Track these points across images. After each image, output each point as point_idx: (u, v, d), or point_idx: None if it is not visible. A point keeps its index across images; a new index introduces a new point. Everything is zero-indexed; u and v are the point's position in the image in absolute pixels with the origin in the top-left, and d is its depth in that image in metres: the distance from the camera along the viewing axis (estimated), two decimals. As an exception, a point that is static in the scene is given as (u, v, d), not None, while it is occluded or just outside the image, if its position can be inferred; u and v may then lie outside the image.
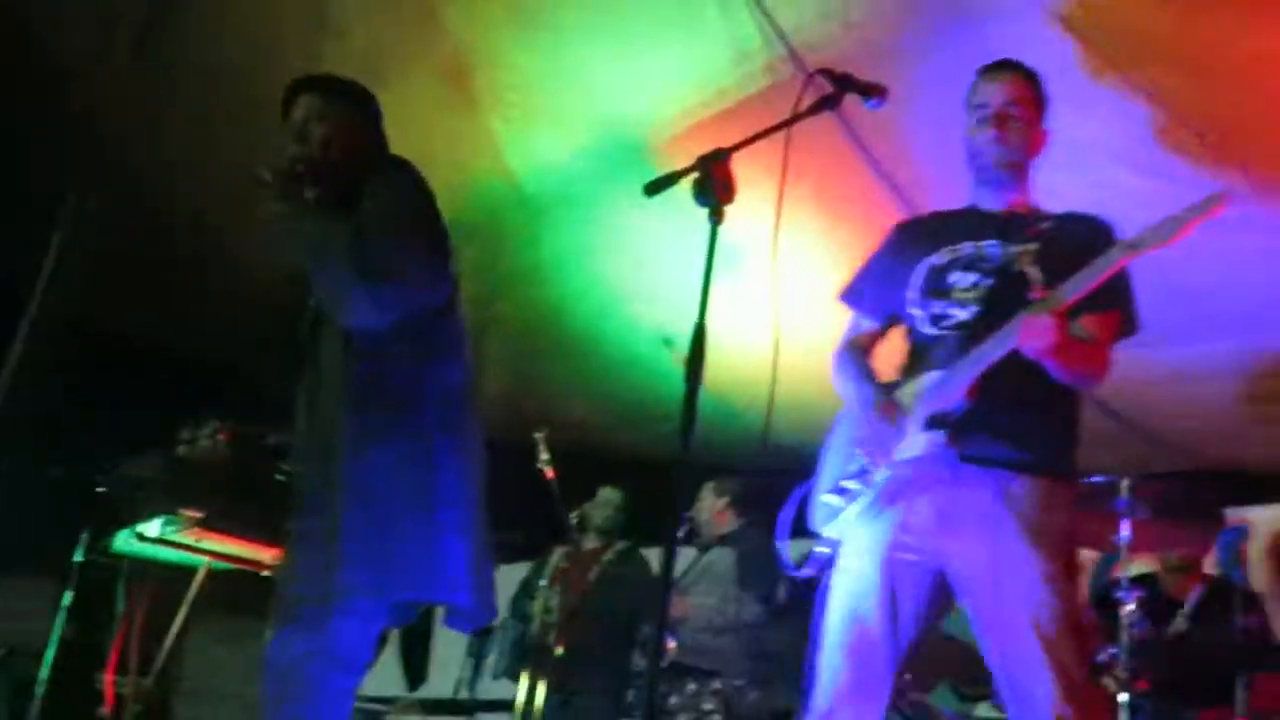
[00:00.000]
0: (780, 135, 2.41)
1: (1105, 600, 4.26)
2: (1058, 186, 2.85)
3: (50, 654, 4.37)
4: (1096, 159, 3.91)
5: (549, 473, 5.19)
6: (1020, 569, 2.46)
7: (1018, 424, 2.54)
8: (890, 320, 2.88)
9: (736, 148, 2.26)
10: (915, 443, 2.56)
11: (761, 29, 4.10)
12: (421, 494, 2.63)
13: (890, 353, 2.89)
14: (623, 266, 5.49)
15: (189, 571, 4.64)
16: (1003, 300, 2.55)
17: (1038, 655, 2.40)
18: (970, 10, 3.64)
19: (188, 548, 4.52)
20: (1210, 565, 5.08)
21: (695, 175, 2.21)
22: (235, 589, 4.87)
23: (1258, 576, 5.59)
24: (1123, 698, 3.69)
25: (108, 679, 4.42)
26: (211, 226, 5.48)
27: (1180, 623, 4.44)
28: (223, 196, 5.35)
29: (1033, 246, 2.57)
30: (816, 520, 2.76)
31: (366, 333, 2.65)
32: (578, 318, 5.94)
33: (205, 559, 4.59)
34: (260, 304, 5.62)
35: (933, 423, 2.53)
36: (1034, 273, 2.49)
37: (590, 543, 5.92)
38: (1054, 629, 2.41)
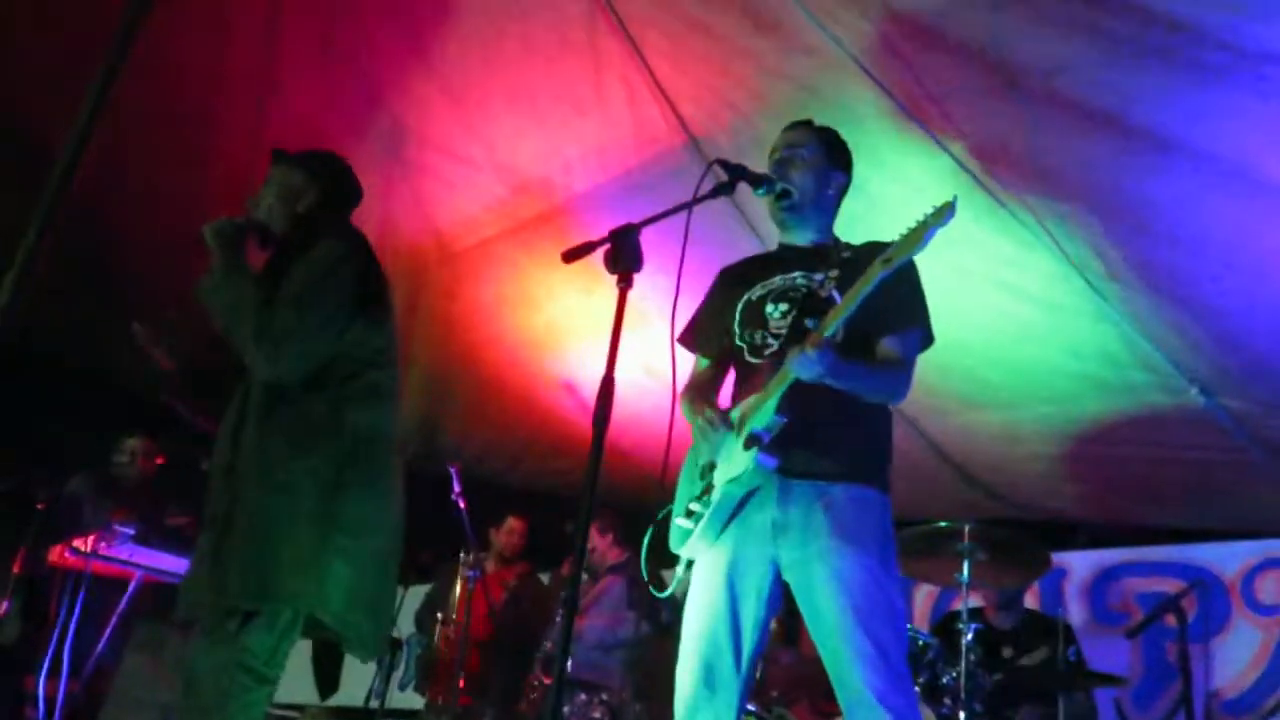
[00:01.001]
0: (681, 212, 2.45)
1: (946, 631, 4.34)
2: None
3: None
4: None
5: (462, 502, 5.12)
6: (839, 563, 2.46)
7: (830, 438, 2.56)
8: (724, 356, 2.88)
9: (645, 223, 2.29)
10: (739, 461, 2.56)
11: (663, 113, 4.16)
12: (321, 519, 2.54)
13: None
14: (528, 320, 5.47)
15: (121, 583, 4.47)
16: (805, 326, 2.57)
17: (859, 637, 2.39)
18: (835, 109, 3.74)
19: (120, 561, 4.37)
20: (1034, 601, 5.22)
21: (607, 246, 2.22)
22: (165, 601, 4.72)
23: (1075, 611, 5.79)
24: (962, 716, 3.75)
25: (40, 683, 4.22)
26: (151, 259, 5.34)
27: (1006, 650, 4.55)
28: (164, 231, 5.24)
29: (834, 273, 2.59)
30: (673, 543, 2.74)
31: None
32: (487, 364, 5.90)
33: (138, 571, 4.44)
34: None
35: (751, 441, 2.53)
36: (835, 297, 2.51)
37: (493, 566, 5.85)
38: (872, 612, 2.41)
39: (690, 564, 2.73)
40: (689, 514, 2.68)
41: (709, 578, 2.63)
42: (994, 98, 3.43)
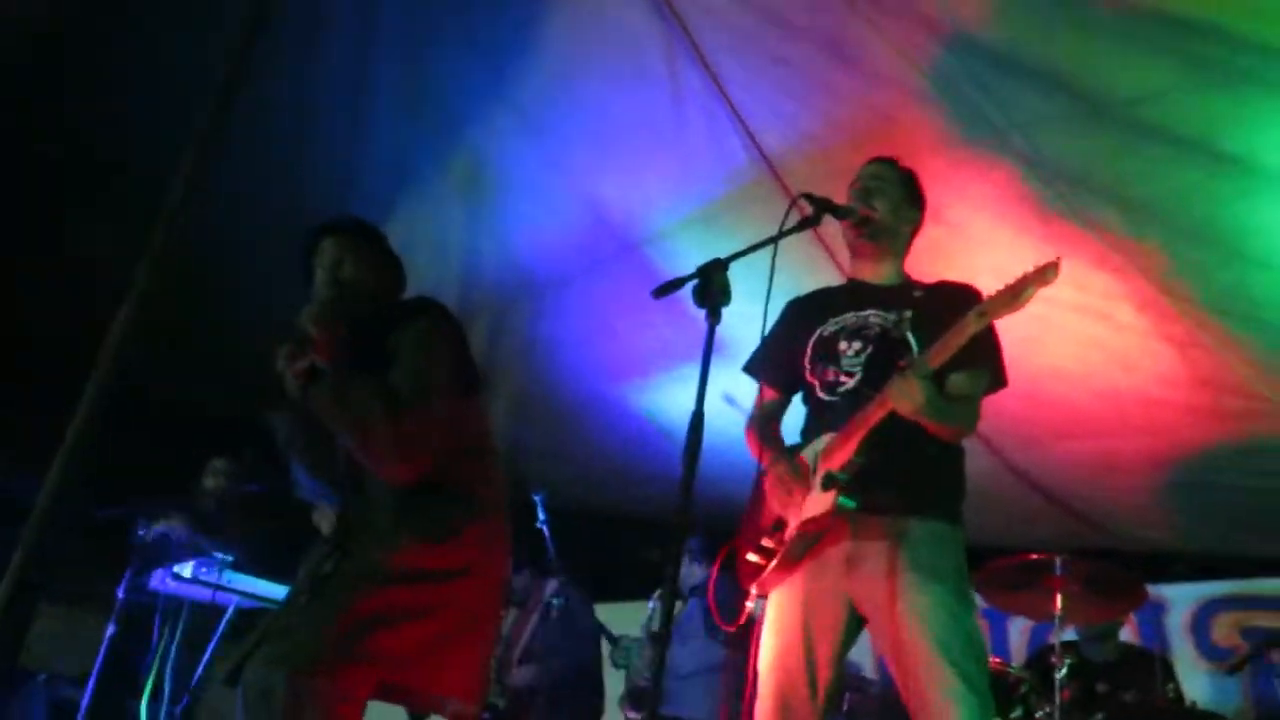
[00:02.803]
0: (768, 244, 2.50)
1: (1040, 665, 4.28)
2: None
3: (93, 682, 4.35)
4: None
5: (546, 530, 5.21)
6: (916, 597, 2.47)
7: (905, 475, 2.57)
8: (790, 388, 2.90)
9: (733, 258, 2.33)
10: (819, 503, 2.57)
11: (744, 143, 4.20)
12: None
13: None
14: (611, 349, 5.55)
15: (219, 609, 4.64)
16: (883, 364, 2.60)
17: (941, 670, 2.39)
18: (916, 138, 3.76)
19: (218, 587, 4.53)
20: (1132, 635, 5.11)
21: (697, 281, 2.27)
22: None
23: (1176, 646, 5.64)
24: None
25: (141, 707, 4.40)
26: (247, 297, 5.55)
27: (1101, 685, 4.46)
28: (254, 276, 5.44)
29: (908, 313, 2.63)
30: (743, 577, 2.76)
31: None
32: (570, 392, 5.99)
33: (235, 597, 4.61)
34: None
35: (828, 481, 2.55)
36: (910, 338, 2.55)
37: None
38: (952, 644, 2.42)
39: (760, 599, 2.76)
40: (760, 549, 2.71)
41: (783, 613, 2.66)
42: (1078, 126, 3.42)
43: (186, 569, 4.51)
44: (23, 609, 5.60)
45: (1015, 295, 2.34)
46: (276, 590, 4.62)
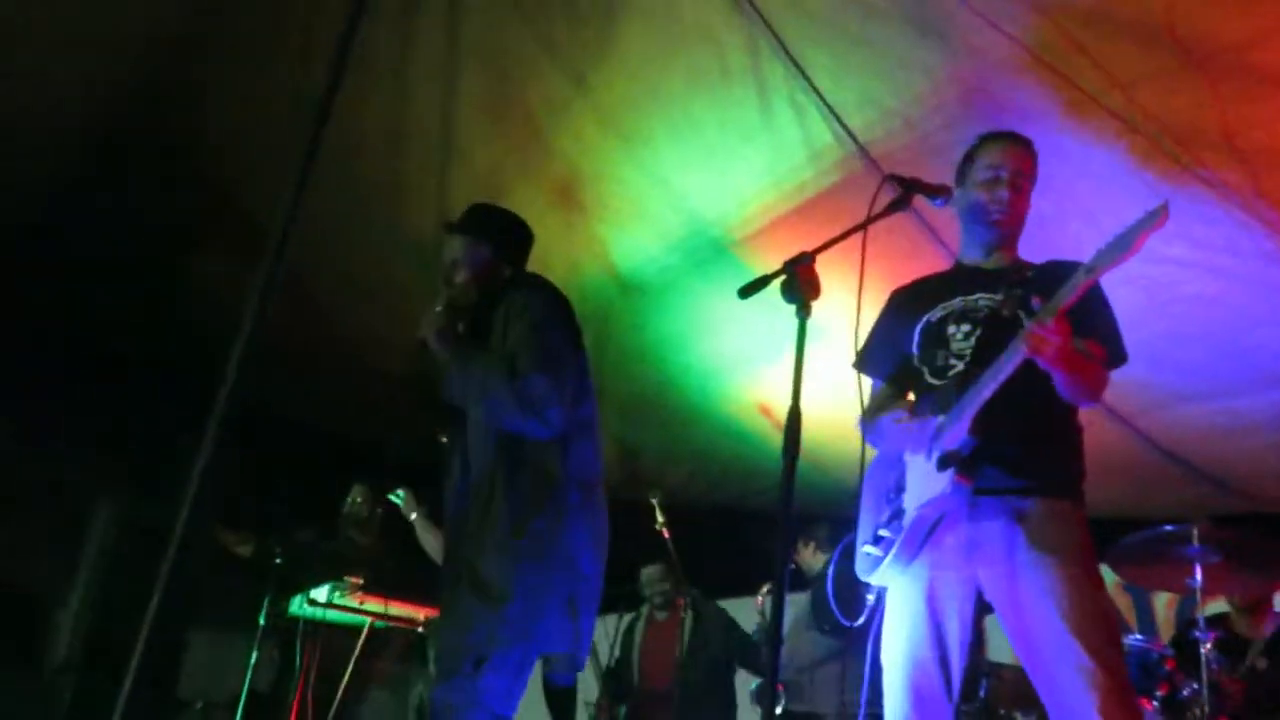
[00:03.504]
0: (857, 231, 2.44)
1: (1184, 641, 4.10)
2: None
3: (241, 707, 4.50)
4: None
5: (665, 532, 5.21)
6: (1043, 576, 2.41)
7: (1022, 453, 2.51)
8: (902, 380, 2.85)
9: (819, 250, 2.28)
10: (933, 484, 2.52)
11: (833, 130, 4.13)
12: (555, 566, 2.73)
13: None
14: (717, 347, 5.53)
15: (356, 629, 4.76)
16: (995, 344, 2.50)
17: (1074, 651, 2.32)
18: (1011, 109, 3.64)
19: (352, 609, 4.65)
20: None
21: (783, 277, 2.24)
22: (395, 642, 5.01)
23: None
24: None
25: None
26: (347, 319, 5.70)
27: (1257, 659, 4.25)
28: (359, 297, 5.58)
29: (1017, 293, 2.55)
30: (861, 570, 2.73)
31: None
32: (680, 392, 5.99)
33: (368, 618, 4.72)
34: (392, 385, 5.82)
35: (944, 462, 2.50)
36: (1021, 316, 2.46)
37: (660, 615, 5.88)
38: (1084, 623, 2.35)
39: (881, 591, 2.72)
40: (877, 540, 2.66)
41: (908, 604, 2.61)
42: (1183, 79, 3.26)
43: (322, 593, 4.63)
44: (174, 637, 5.84)
45: (1125, 242, 2.23)
46: (409, 610, 4.72)
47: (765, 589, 5.31)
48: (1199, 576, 3.77)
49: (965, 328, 2.68)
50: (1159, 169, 3.60)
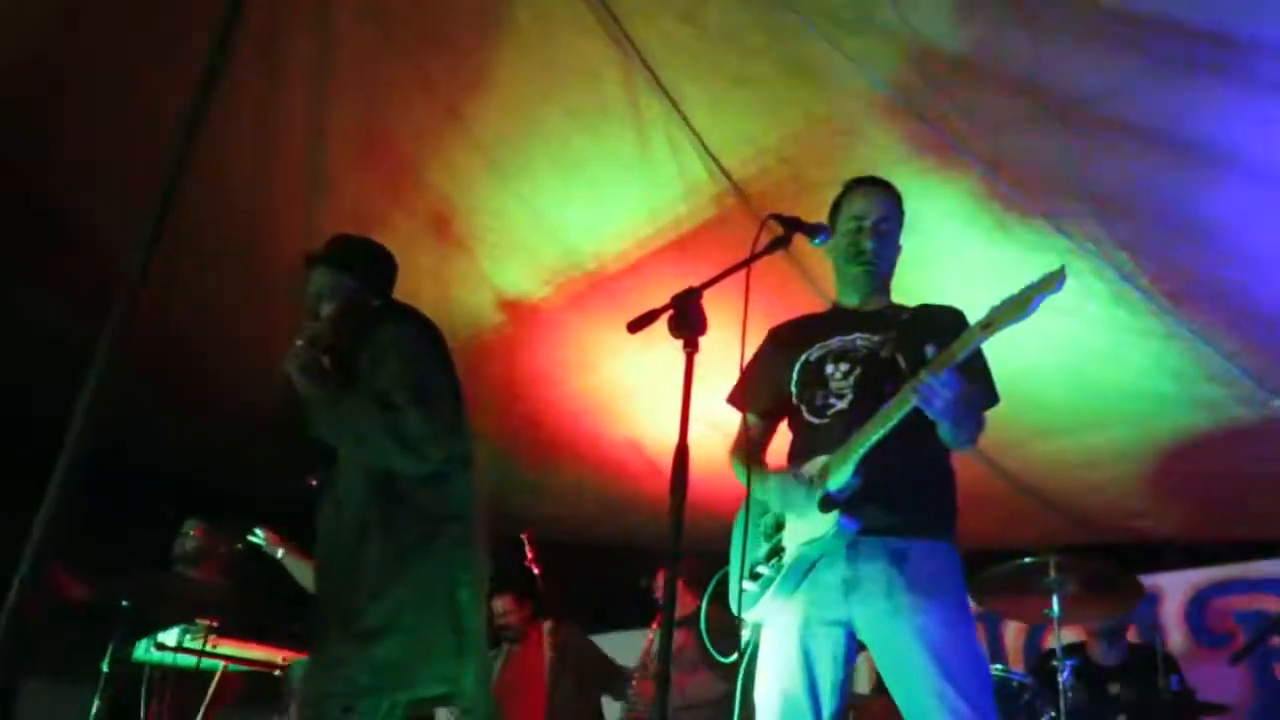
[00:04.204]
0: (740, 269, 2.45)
1: (1042, 669, 4.22)
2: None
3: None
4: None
5: (535, 568, 5.13)
6: (920, 619, 2.44)
7: (902, 495, 2.55)
8: (775, 416, 2.87)
9: (706, 285, 2.28)
10: (819, 524, 2.53)
11: (709, 167, 4.17)
12: (444, 606, 2.65)
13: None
14: (590, 381, 5.49)
15: (208, 674, 4.52)
16: (874, 384, 2.57)
17: (948, 693, 2.36)
18: (882, 150, 3.73)
19: (204, 653, 4.41)
20: (1133, 634, 5.07)
21: (671, 312, 2.22)
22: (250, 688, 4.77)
23: (1174, 636, 5.61)
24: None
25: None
26: (216, 358, 5.47)
27: (1113, 686, 4.41)
28: (222, 331, 5.36)
29: (893, 335, 2.61)
30: (737, 607, 2.70)
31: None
32: (551, 426, 5.92)
33: (221, 663, 4.48)
34: (257, 424, 5.59)
35: (828, 503, 2.51)
36: (898, 359, 2.52)
37: (514, 648, 5.79)
38: (957, 666, 2.40)
39: (757, 627, 2.70)
40: (755, 576, 2.65)
41: (782, 642, 2.61)
42: (1045, 128, 3.40)
43: (171, 636, 4.38)
44: (7, 686, 5.45)
45: (1022, 306, 2.30)
46: (264, 653, 4.51)
47: (654, 627, 5.26)
48: (1056, 606, 3.89)
49: (844, 367, 2.70)
50: (1020, 213, 3.74)
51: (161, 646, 4.41)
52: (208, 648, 4.41)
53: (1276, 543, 5.60)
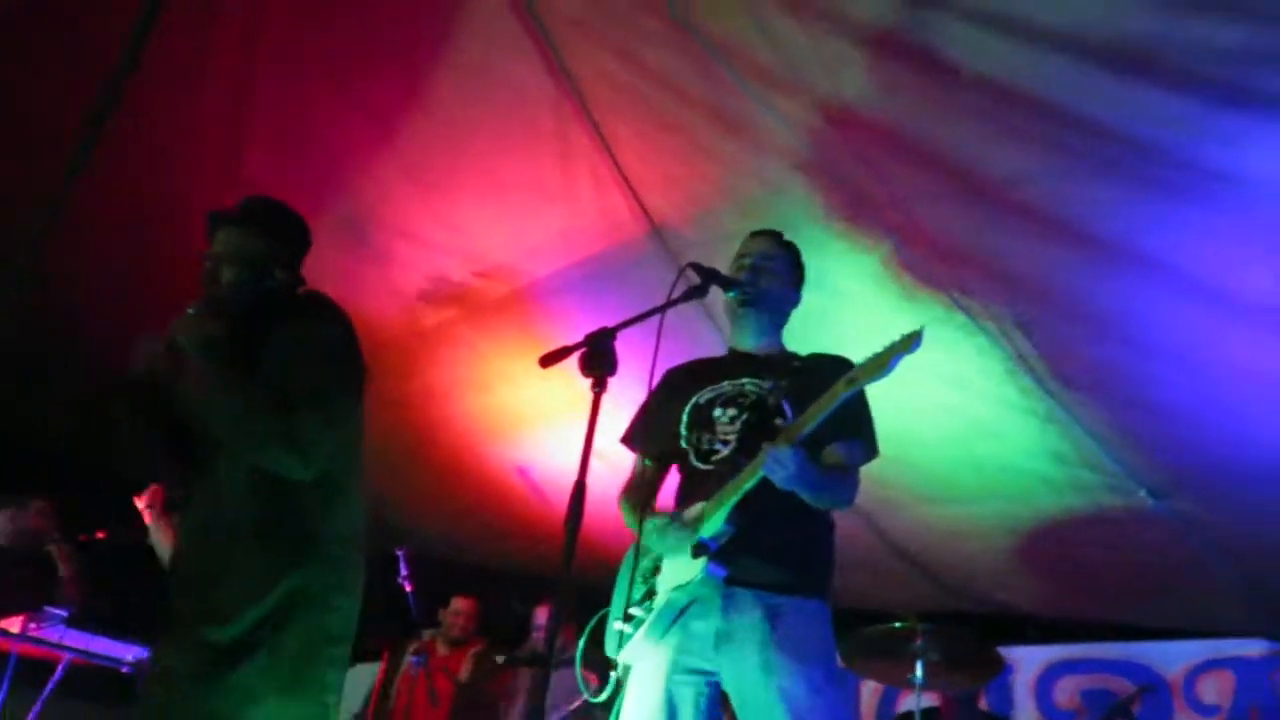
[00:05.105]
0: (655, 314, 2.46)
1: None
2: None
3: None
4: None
5: (409, 585, 5.03)
6: (783, 680, 2.44)
7: (777, 548, 2.55)
8: (666, 458, 2.86)
9: (620, 327, 2.28)
10: (687, 569, 2.53)
11: (630, 205, 4.19)
12: (319, 626, 2.43)
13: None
14: (483, 403, 5.43)
15: (50, 665, 4.32)
16: (759, 431, 2.57)
17: None
18: (799, 206, 3.81)
19: (50, 644, 4.22)
20: (984, 702, 5.20)
21: (583, 350, 2.21)
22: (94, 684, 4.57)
23: (1024, 708, 5.78)
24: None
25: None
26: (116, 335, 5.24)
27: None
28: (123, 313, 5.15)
29: (784, 383, 2.63)
30: (609, 647, 2.69)
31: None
32: (439, 446, 5.84)
33: (67, 654, 4.30)
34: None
35: (699, 550, 2.51)
36: (784, 406, 2.54)
37: (444, 649, 5.72)
38: None
39: (627, 669, 2.68)
40: (628, 618, 2.63)
41: (647, 685, 2.59)
42: (958, 204, 3.51)
43: (15, 625, 4.18)
44: None
45: (882, 364, 2.36)
46: (114, 649, 4.34)
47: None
48: (920, 673, 3.97)
49: (731, 412, 2.71)
50: (926, 282, 3.85)
51: (4, 633, 4.21)
52: (54, 639, 4.24)
53: (1127, 626, 5.83)
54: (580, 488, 2.09)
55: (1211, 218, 3.12)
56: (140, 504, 4.39)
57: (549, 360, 2.22)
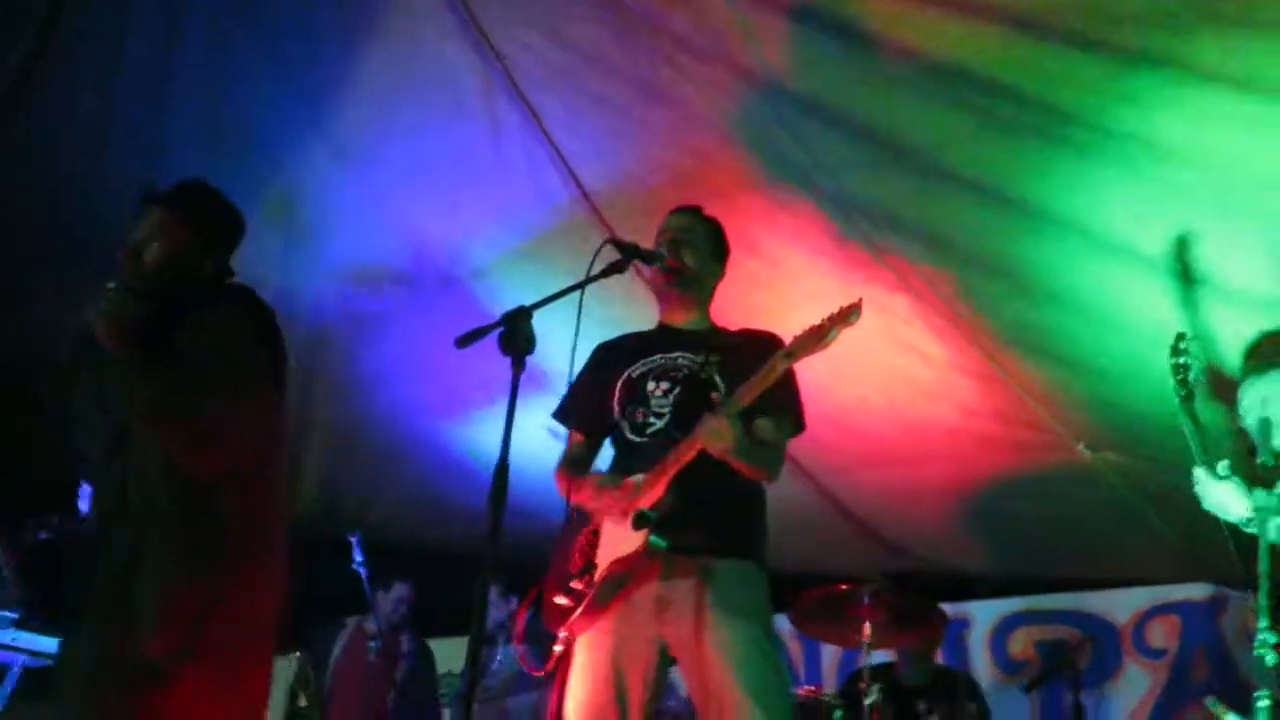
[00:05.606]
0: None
1: (851, 690, 4.39)
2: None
3: None
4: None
5: (363, 571, 5.05)
6: (726, 636, 2.52)
7: (713, 515, 2.63)
8: (600, 432, 2.93)
9: (536, 306, 2.32)
10: (627, 541, 2.58)
11: (562, 178, 4.19)
12: (240, 622, 2.41)
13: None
14: (431, 385, 5.42)
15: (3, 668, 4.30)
16: (691, 405, 2.64)
17: (746, 705, 2.44)
18: (730, 176, 3.84)
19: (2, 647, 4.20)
20: (940, 656, 5.31)
21: (500, 330, 2.24)
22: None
23: (979, 662, 5.90)
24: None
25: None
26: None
27: (920, 704, 4.62)
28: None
29: (715, 357, 2.69)
30: (550, 620, 2.73)
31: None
32: (388, 429, 5.82)
33: (21, 656, 4.27)
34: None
35: (640, 521, 2.56)
36: (717, 380, 2.60)
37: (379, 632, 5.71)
38: (763, 686, 2.48)
39: (569, 641, 2.72)
40: (569, 591, 2.67)
41: (593, 657, 2.64)
42: (880, 169, 3.56)
43: (-34, 625, 4.15)
44: None
45: (820, 337, 2.43)
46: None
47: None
48: (868, 632, 4.06)
49: (665, 385, 2.77)
50: (858, 247, 3.90)
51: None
52: (4, 642, 4.21)
53: (1073, 579, 5.95)
54: (502, 467, 2.12)
55: (1122, 176, 3.19)
56: None
57: (466, 340, 2.25)
